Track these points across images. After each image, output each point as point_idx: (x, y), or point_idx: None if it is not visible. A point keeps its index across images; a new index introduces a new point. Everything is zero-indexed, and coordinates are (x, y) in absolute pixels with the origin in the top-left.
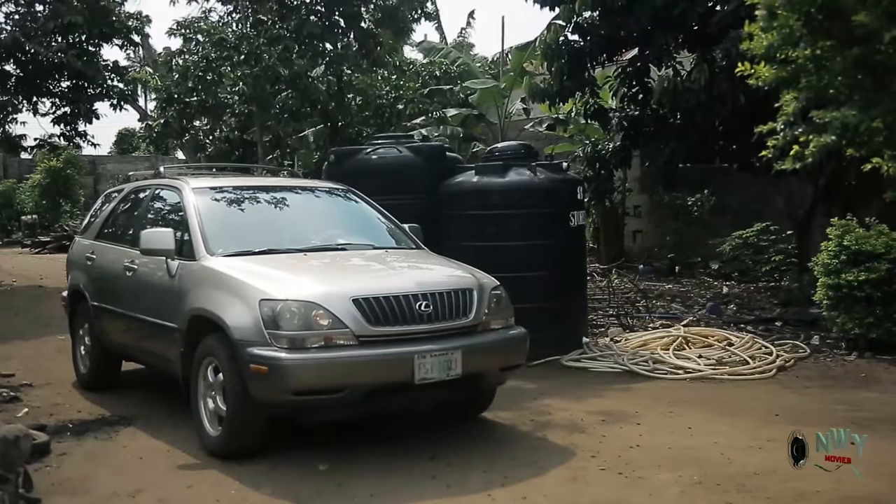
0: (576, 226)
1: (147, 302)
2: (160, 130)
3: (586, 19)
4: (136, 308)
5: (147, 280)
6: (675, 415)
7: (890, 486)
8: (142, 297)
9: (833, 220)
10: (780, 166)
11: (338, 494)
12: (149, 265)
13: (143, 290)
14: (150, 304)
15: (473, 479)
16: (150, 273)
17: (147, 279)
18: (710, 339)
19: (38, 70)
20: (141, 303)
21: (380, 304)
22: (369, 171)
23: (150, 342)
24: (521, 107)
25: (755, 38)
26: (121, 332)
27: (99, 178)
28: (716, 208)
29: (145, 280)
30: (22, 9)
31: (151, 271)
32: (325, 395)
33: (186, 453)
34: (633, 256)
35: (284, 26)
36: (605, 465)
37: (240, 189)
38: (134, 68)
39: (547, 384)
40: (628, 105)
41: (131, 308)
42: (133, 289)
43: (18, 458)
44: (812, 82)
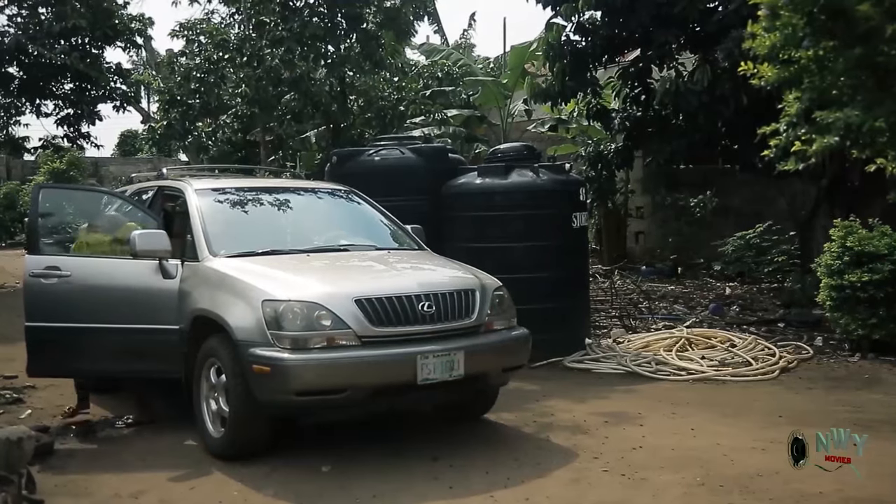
0: (578, 227)
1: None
2: (163, 132)
3: (588, 19)
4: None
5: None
6: (678, 416)
7: (893, 488)
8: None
9: (836, 220)
10: (783, 167)
11: (340, 496)
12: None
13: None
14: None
15: (476, 480)
16: (143, 275)
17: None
18: (712, 340)
19: (41, 72)
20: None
21: (382, 305)
22: (372, 172)
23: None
24: (523, 108)
25: (758, 38)
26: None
27: (102, 179)
28: (718, 209)
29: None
30: (25, 11)
31: (144, 273)
32: (328, 396)
33: (189, 454)
34: (635, 257)
35: (287, 28)
36: (608, 466)
37: (242, 190)
38: (137, 70)
39: (550, 385)
40: (630, 106)
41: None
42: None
43: (21, 460)
44: (815, 82)
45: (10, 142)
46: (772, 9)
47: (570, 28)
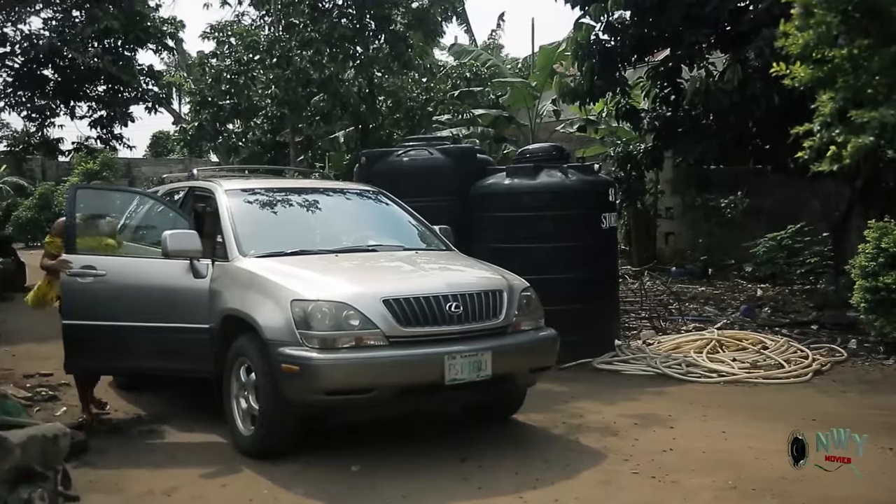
0: (607, 228)
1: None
2: (194, 133)
3: (617, 19)
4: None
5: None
6: (709, 418)
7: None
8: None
9: (870, 221)
10: (817, 168)
11: (370, 495)
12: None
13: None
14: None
15: (504, 481)
16: (175, 275)
17: (167, 282)
18: (744, 342)
19: (75, 75)
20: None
21: (410, 305)
22: (400, 173)
23: (177, 346)
24: (551, 108)
25: (790, 37)
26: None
27: (134, 180)
28: (749, 210)
29: (164, 283)
30: (60, 15)
31: (176, 273)
32: (356, 395)
33: (220, 452)
34: (665, 259)
35: (316, 29)
36: (637, 468)
37: (272, 191)
38: (168, 72)
39: (579, 387)
40: (660, 105)
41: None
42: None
43: (57, 456)
44: (849, 82)
45: (45, 143)
46: (805, 7)
47: (599, 28)
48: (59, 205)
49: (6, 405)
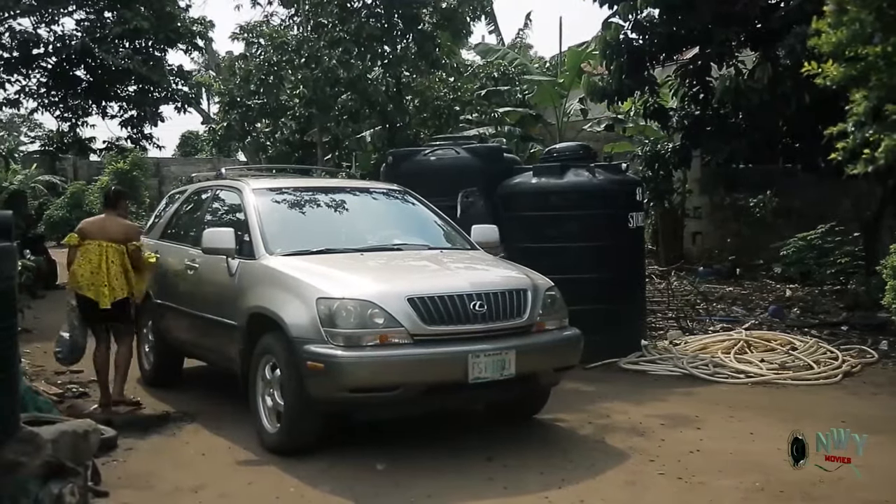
0: (634, 227)
1: (208, 300)
2: (223, 133)
3: (646, 17)
4: (198, 306)
5: (208, 278)
6: (737, 419)
7: None
8: (203, 295)
9: None
10: (851, 171)
11: (395, 493)
12: (210, 264)
13: (204, 288)
14: (211, 301)
15: (530, 480)
16: (211, 272)
17: (208, 278)
18: (772, 342)
19: (106, 75)
20: (202, 301)
21: (434, 304)
22: (427, 172)
23: (210, 339)
24: (578, 107)
25: (823, 35)
26: (183, 329)
27: (163, 179)
28: (778, 210)
29: (206, 278)
30: (91, 16)
31: (212, 270)
32: (380, 393)
33: (247, 450)
34: (692, 258)
35: (344, 29)
36: (664, 469)
37: (298, 190)
38: (198, 72)
39: (605, 387)
40: (689, 104)
41: (193, 306)
42: (194, 287)
43: (87, 452)
44: (883, 80)
45: (77, 142)
46: (839, 4)
47: (628, 26)
48: (90, 204)
49: (38, 401)
